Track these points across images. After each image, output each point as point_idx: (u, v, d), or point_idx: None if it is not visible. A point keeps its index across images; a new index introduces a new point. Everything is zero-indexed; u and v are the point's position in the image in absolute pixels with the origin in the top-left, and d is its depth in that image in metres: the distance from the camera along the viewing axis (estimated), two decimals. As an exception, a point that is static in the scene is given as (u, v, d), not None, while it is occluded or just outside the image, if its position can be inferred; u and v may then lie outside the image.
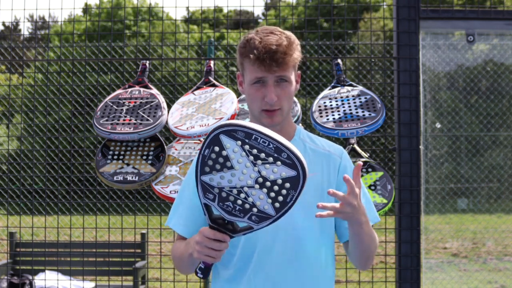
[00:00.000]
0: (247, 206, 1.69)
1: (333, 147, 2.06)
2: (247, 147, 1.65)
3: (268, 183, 1.66)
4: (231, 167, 1.67)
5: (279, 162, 1.64)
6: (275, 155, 1.64)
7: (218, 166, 1.67)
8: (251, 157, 1.65)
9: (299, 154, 1.64)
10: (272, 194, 1.67)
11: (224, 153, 1.66)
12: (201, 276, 1.77)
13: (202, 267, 1.76)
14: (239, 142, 1.65)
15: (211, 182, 1.69)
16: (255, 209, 1.69)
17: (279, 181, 1.65)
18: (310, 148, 2.03)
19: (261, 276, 1.91)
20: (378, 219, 2.09)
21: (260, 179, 1.66)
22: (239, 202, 1.69)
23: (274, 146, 1.64)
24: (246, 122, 1.66)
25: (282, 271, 1.92)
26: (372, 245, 1.95)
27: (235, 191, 1.68)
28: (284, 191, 1.66)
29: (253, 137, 1.64)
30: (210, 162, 1.68)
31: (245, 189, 1.68)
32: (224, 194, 1.69)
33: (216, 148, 1.66)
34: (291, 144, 1.65)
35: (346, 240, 2.03)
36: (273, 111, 1.93)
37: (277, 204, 1.67)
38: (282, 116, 1.96)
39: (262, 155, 1.65)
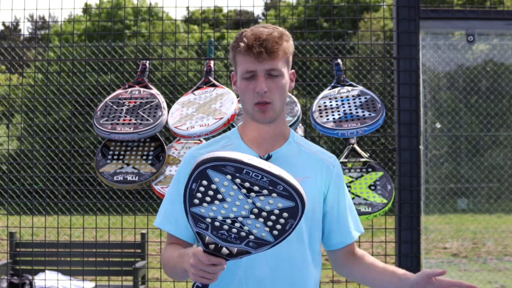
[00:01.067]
0: (243, 234, 1.59)
1: (326, 154, 2.06)
2: (238, 180, 1.53)
3: (264, 213, 1.56)
4: (223, 199, 1.56)
5: (274, 194, 1.53)
6: (270, 187, 1.52)
7: (208, 199, 1.57)
8: (244, 190, 1.53)
9: (296, 184, 1.53)
10: (270, 223, 1.57)
11: (213, 186, 1.55)
12: None
13: (200, 286, 1.68)
14: (229, 177, 1.52)
15: (202, 213, 1.59)
16: (252, 237, 1.60)
17: (276, 212, 1.55)
18: (305, 151, 2.02)
19: (252, 279, 1.90)
20: (362, 231, 2.11)
21: (255, 210, 1.56)
22: (234, 230, 1.59)
23: (268, 179, 1.51)
24: (235, 154, 1.54)
25: (272, 274, 1.90)
26: None
27: (229, 221, 1.58)
28: (282, 220, 1.57)
29: (244, 171, 1.51)
30: (199, 195, 1.57)
31: (240, 219, 1.57)
32: (217, 224, 1.59)
33: (204, 182, 1.55)
34: (286, 173, 1.54)
35: (332, 249, 2.07)
36: (264, 105, 1.90)
37: (275, 232, 1.59)
38: (274, 112, 1.92)
39: (256, 188, 1.53)
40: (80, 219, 7.04)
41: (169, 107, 3.15)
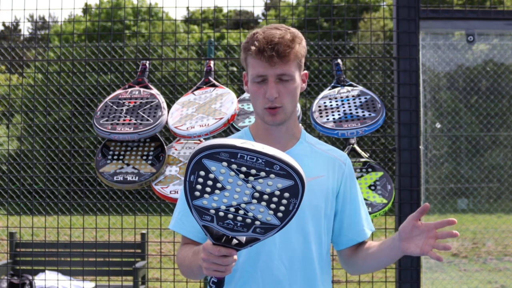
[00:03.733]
0: (248, 220, 1.59)
1: (337, 153, 2.06)
2: (234, 166, 1.52)
3: (265, 196, 1.55)
4: (223, 188, 1.55)
5: (272, 175, 1.52)
6: (267, 168, 1.52)
7: (208, 189, 1.56)
8: (242, 175, 1.53)
9: (292, 162, 1.53)
10: (273, 206, 1.57)
11: (211, 175, 1.54)
12: None
13: (215, 281, 1.68)
14: (225, 163, 1.52)
15: (205, 205, 1.58)
16: (257, 222, 1.59)
17: (277, 193, 1.55)
18: (316, 150, 2.03)
19: (269, 279, 1.90)
20: (373, 230, 2.11)
21: (256, 194, 1.55)
22: (239, 218, 1.59)
23: (264, 160, 1.51)
24: (228, 140, 1.54)
25: (289, 275, 1.91)
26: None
27: (232, 209, 1.57)
28: (284, 201, 1.57)
29: (238, 156, 1.51)
30: (199, 187, 1.56)
31: (243, 205, 1.57)
32: (221, 214, 1.59)
33: (202, 173, 1.54)
34: (281, 152, 1.54)
35: (342, 248, 2.06)
36: (274, 108, 1.90)
37: (279, 214, 1.58)
38: (285, 114, 1.93)
39: (253, 171, 1.52)
40: (80, 219, 7.04)
41: (169, 107, 3.15)
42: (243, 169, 1.52)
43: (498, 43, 8.80)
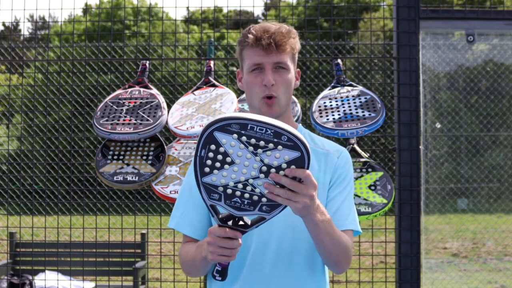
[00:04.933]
0: (255, 198, 1.62)
1: (333, 147, 2.04)
2: (244, 138, 1.56)
3: (273, 170, 1.58)
4: (232, 162, 1.58)
5: (280, 147, 1.56)
6: (275, 140, 1.56)
7: (218, 164, 1.59)
8: (251, 148, 1.56)
9: (298, 134, 1.56)
10: None
11: (221, 149, 1.58)
12: (220, 279, 1.71)
13: (219, 269, 1.70)
14: (235, 135, 1.56)
15: (214, 182, 1.61)
16: (264, 199, 1.62)
17: (284, 165, 1.58)
18: (311, 147, 2.02)
19: (256, 275, 1.91)
20: (357, 229, 1.96)
21: (264, 168, 1.58)
22: (247, 195, 1.62)
23: (272, 131, 1.55)
24: (238, 113, 1.59)
25: (277, 270, 1.91)
26: (337, 250, 1.82)
27: (240, 185, 1.61)
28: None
29: (248, 127, 1.55)
30: (209, 162, 1.59)
31: (251, 181, 1.60)
32: (229, 191, 1.62)
33: (213, 147, 1.58)
34: (287, 125, 1.57)
35: None
36: (270, 98, 1.93)
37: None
38: (280, 107, 1.95)
39: (262, 143, 1.56)
40: (80, 219, 7.04)
41: (169, 107, 3.15)
42: (253, 141, 1.56)
43: (498, 43, 8.80)
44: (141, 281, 5.28)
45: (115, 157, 3.04)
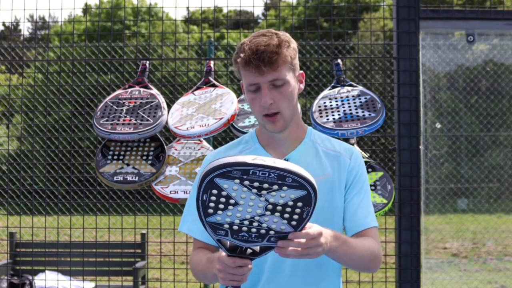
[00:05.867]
0: (262, 231, 1.59)
1: (344, 148, 2.03)
2: (246, 182, 1.52)
3: (279, 207, 1.55)
4: (236, 203, 1.55)
5: (285, 187, 1.53)
6: (279, 182, 1.52)
7: (221, 206, 1.56)
8: (254, 190, 1.53)
9: (303, 173, 1.53)
10: (286, 216, 1.57)
11: (223, 193, 1.54)
12: None
13: None
14: (237, 181, 1.52)
15: (219, 221, 1.59)
16: (272, 232, 1.60)
17: (290, 203, 1.55)
18: (322, 150, 2.00)
19: (274, 286, 1.91)
20: (375, 224, 2.00)
21: (270, 206, 1.55)
22: (254, 230, 1.59)
23: (276, 174, 1.51)
24: (239, 157, 1.53)
25: (294, 280, 1.91)
26: (363, 259, 1.87)
27: (246, 222, 1.58)
28: (298, 210, 1.57)
29: (250, 172, 1.51)
30: (212, 204, 1.56)
31: (257, 218, 1.57)
32: (235, 227, 1.59)
33: (214, 191, 1.54)
34: (292, 164, 1.54)
35: (352, 234, 1.99)
36: (272, 116, 1.89)
37: (293, 222, 1.59)
38: (285, 121, 1.91)
39: (265, 185, 1.52)
40: (80, 219, 7.04)
41: (169, 107, 3.15)
42: (256, 184, 1.52)
43: (498, 43, 8.80)
44: (141, 281, 5.28)
45: (115, 157, 3.04)
